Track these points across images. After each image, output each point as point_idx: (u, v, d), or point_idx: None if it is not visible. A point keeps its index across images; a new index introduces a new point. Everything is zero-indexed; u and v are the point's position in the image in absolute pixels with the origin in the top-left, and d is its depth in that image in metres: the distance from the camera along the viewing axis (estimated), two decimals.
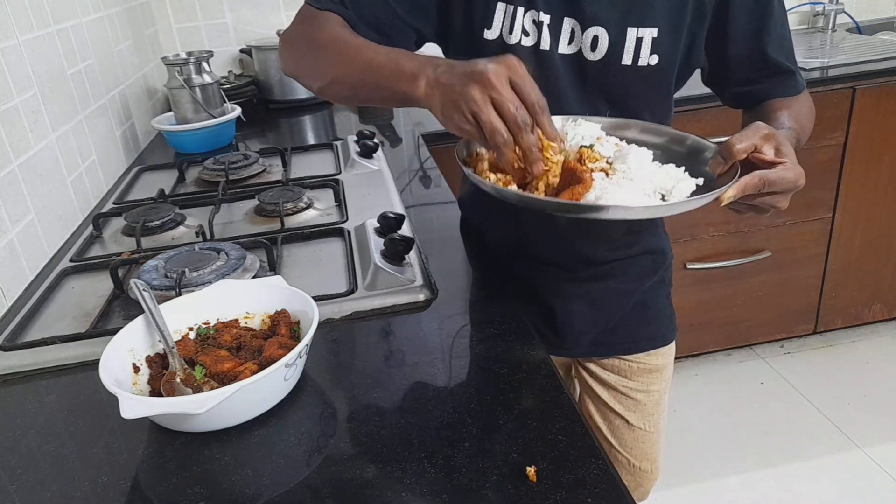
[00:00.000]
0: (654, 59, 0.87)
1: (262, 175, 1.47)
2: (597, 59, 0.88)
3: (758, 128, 0.73)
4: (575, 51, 0.88)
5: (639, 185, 0.73)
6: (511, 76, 0.66)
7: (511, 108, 0.65)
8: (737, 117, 0.99)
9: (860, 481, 1.86)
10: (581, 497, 0.58)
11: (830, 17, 2.49)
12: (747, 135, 0.72)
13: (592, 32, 0.87)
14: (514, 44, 0.88)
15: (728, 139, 0.72)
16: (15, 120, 1.11)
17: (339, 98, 0.88)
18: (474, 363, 0.78)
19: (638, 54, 0.86)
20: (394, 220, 1.06)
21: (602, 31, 0.86)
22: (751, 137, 0.72)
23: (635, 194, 0.72)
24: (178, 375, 0.72)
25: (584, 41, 0.87)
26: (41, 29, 1.26)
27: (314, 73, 0.87)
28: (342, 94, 0.85)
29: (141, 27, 1.95)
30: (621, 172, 0.75)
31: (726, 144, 0.72)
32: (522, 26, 0.88)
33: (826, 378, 2.25)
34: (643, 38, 0.86)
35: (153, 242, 1.16)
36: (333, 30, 0.85)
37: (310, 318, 0.76)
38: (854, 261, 2.25)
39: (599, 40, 0.87)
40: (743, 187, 0.70)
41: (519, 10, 0.87)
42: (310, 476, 0.63)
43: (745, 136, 0.72)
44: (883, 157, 2.11)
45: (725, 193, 0.70)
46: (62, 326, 0.92)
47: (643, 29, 0.86)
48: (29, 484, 0.65)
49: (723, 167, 0.74)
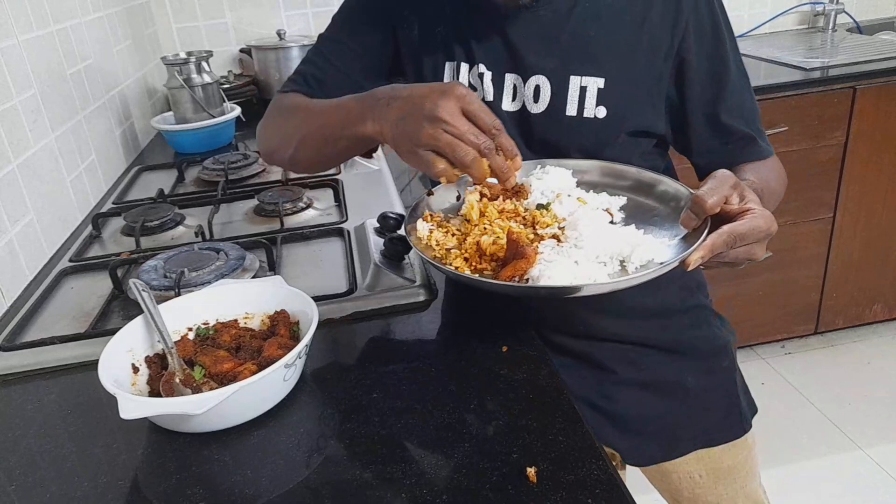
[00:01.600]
0: (601, 110, 0.83)
1: (261, 175, 1.47)
2: (540, 112, 0.85)
3: (724, 178, 0.68)
4: (518, 107, 0.87)
5: (591, 253, 0.69)
6: (462, 106, 0.67)
7: (472, 138, 0.66)
8: None
9: (860, 481, 1.86)
10: (581, 497, 0.57)
11: (830, 17, 2.49)
12: (715, 187, 0.67)
13: (534, 82, 0.85)
14: None
15: (696, 193, 0.67)
16: (14, 120, 1.11)
17: (309, 162, 0.91)
18: (474, 363, 0.78)
19: (583, 105, 0.83)
20: (393, 220, 1.06)
21: (543, 79, 0.84)
22: (720, 189, 0.67)
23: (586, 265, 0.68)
24: (177, 376, 0.72)
25: (526, 93, 0.86)
26: (41, 29, 1.25)
27: (282, 143, 0.90)
28: (309, 157, 0.88)
29: (141, 27, 1.95)
30: (572, 240, 0.71)
31: (696, 200, 0.67)
32: (468, 81, 0.88)
33: (826, 378, 2.25)
34: (587, 87, 0.83)
35: (152, 242, 1.15)
36: (294, 100, 0.91)
37: (309, 318, 0.76)
38: (854, 261, 2.25)
39: (541, 90, 0.85)
40: (711, 248, 0.65)
41: (463, 66, 0.88)
42: (309, 476, 0.63)
43: (714, 188, 0.67)
44: (883, 156, 2.11)
45: (692, 257, 0.64)
46: (61, 326, 0.92)
47: (587, 78, 0.83)
48: (28, 484, 0.65)
49: (696, 222, 0.69)
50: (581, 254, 0.69)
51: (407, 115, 0.68)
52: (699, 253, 0.64)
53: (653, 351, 0.96)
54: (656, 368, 0.97)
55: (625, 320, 0.95)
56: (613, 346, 0.96)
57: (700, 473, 1.02)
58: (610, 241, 0.70)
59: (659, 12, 0.83)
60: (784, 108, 1.96)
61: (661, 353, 0.96)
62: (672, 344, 0.97)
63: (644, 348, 0.96)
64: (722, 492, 1.03)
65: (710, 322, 1.00)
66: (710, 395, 0.99)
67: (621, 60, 0.83)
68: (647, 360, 0.96)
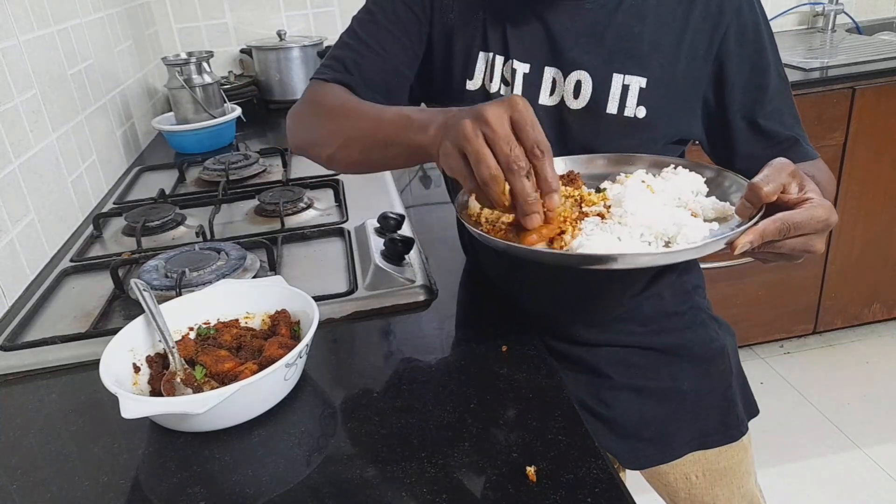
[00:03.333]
0: (640, 110, 0.82)
1: (262, 175, 1.47)
2: (580, 108, 0.84)
3: (782, 165, 0.65)
4: (556, 101, 0.85)
5: (636, 231, 0.66)
6: (512, 114, 0.60)
7: (504, 146, 0.59)
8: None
9: (860, 481, 1.86)
10: (581, 497, 0.58)
11: (830, 17, 2.49)
12: (773, 175, 0.64)
13: (575, 77, 0.83)
14: (494, 92, 0.86)
15: (753, 181, 0.64)
16: (15, 120, 1.11)
17: (349, 163, 0.84)
18: (474, 363, 0.78)
19: (624, 103, 0.82)
20: (394, 220, 1.06)
21: (585, 75, 0.83)
22: (777, 177, 0.63)
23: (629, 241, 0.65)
24: (178, 375, 0.72)
25: (566, 88, 0.84)
26: (41, 29, 1.26)
27: (323, 140, 0.84)
28: (352, 158, 0.82)
29: (141, 27, 1.95)
30: (617, 217, 0.68)
31: (752, 187, 0.63)
32: (502, 74, 0.85)
33: (826, 378, 2.25)
34: (629, 85, 0.82)
35: (153, 242, 1.16)
36: (339, 96, 0.84)
37: (310, 317, 0.76)
38: (854, 261, 2.25)
39: (582, 86, 0.83)
40: (761, 233, 0.61)
41: (498, 59, 0.85)
42: (310, 476, 0.63)
43: (772, 176, 0.63)
44: (883, 157, 2.11)
45: (740, 239, 0.61)
46: (62, 326, 0.92)
47: (629, 76, 0.82)
48: (29, 484, 0.65)
49: (752, 212, 0.65)
50: (625, 231, 0.66)
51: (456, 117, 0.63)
52: (748, 237, 0.61)
53: (649, 354, 0.96)
54: (652, 372, 0.96)
55: (621, 324, 0.95)
56: (609, 350, 0.96)
57: (696, 474, 1.02)
58: (655, 219, 0.66)
59: (701, 14, 0.82)
60: None
61: (657, 356, 0.96)
62: (668, 347, 0.96)
63: (640, 352, 0.96)
64: (718, 493, 1.03)
65: (706, 325, 1.00)
66: (706, 398, 0.99)
67: (664, 61, 0.82)
68: (643, 365, 0.96)
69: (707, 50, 0.83)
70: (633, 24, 0.82)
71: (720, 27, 0.82)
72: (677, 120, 0.85)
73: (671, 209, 0.69)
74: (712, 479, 1.02)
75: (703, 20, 0.82)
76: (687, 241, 0.64)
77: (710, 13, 0.82)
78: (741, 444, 1.02)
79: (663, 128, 0.85)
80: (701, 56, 0.83)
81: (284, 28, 2.15)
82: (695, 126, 0.87)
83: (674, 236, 0.65)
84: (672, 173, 0.77)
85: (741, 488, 1.05)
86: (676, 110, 0.85)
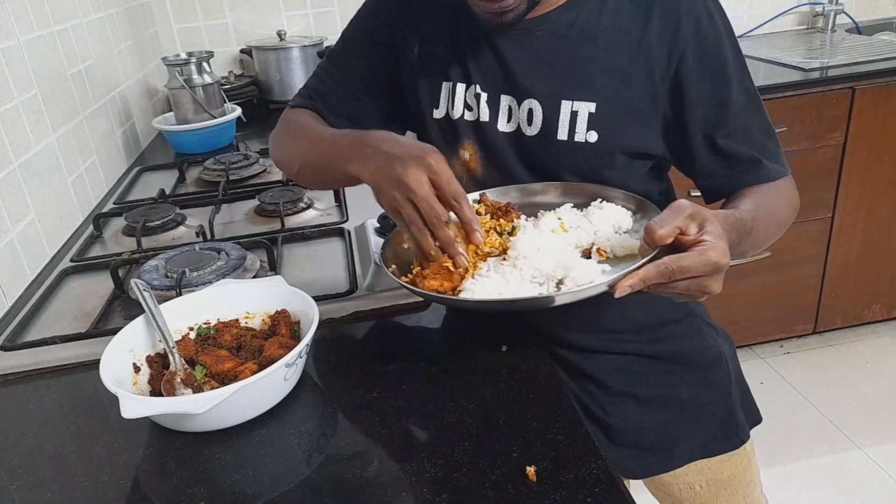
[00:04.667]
0: (591, 135, 0.82)
1: (262, 175, 1.47)
2: (534, 135, 0.85)
3: (680, 207, 0.66)
4: (513, 128, 0.87)
5: (526, 273, 0.70)
6: (429, 175, 0.69)
7: (426, 206, 0.68)
8: None
9: (858, 480, 1.86)
10: (581, 497, 0.58)
11: (830, 17, 2.49)
12: (669, 217, 0.65)
13: (528, 105, 0.85)
14: (457, 118, 0.89)
15: (648, 223, 0.65)
16: (15, 120, 1.11)
17: (309, 183, 0.97)
18: (474, 363, 0.78)
19: (574, 129, 0.83)
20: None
21: (536, 103, 0.84)
22: (673, 220, 0.64)
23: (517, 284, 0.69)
24: (178, 375, 0.72)
25: (521, 116, 0.86)
26: (42, 29, 1.26)
27: (289, 160, 0.95)
28: (309, 179, 0.93)
29: (141, 27, 1.95)
30: (511, 259, 0.72)
31: (647, 230, 0.64)
32: (464, 100, 0.88)
33: (826, 378, 2.25)
34: (578, 111, 0.82)
35: (153, 242, 1.16)
36: (303, 120, 0.94)
37: (310, 317, 0.76)
38: (854, 261, 2.25)
39: (534, 114, 0.85)
40: (642, 278, 0.63)
41: (459, 86, 0.88)
42: (310, 476, 0.63)
43: (668, 218, 0.65)
44: (883, 157, 2.11)
45: (621, 283, 0.63)
46: (63, 326, 0.92)
47: (578, 102, 0.82)
48: (29, 484, 0.65)
49: (648, 252, 0.66)
50: (515, 273, 0.71)
51: (380, 172, 0.72)
52: (629, 280, 0.63)
53: (646, 362, 0.96)
54: (650, 380, 0.96)
55: (616, 332, 0.95)
56: (607, 357, 0.95)
57: (700, 484, 1.01)
58: (545, 262, 0.71)
59: (657, 33, 0.81)
60: (783, 109, 1.96)
61: (655, 364, 0.96)
62: (665, 354, 0.96)
63: (637, 359, 0.96)
64: (723, 502, 1.03)
65: (702, 332, 0.99)
66: (705, 406, 0.98)
67: (616, 83, 0.82)
68: (641, 372, 0.96)
69: (665, 69, 0.81)
70: (585, 47, 0.82)
71: (678, 46, 0.80)
72: (633, 140, 0.84)
73: (563, 252, 0.73)
74: (716, 489, 1.02)
75: (658, 39, 0.80)
76: (575, 283, 0.69)
77: (665, 32, 0.80)
78: (744, 452, 1.01)
79: (619, 149, 0.84)
80: (658, 75, 0.81)
81: (284, 28, 2.16)
82: (655, 144, 0.86)
83: (563, 278, 0.70)
84: (597, 208, 0.81)
85: (746, 498, 1.04)
86: (631, 131, 0.84)
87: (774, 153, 0.86)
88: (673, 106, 0.83)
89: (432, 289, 0.71)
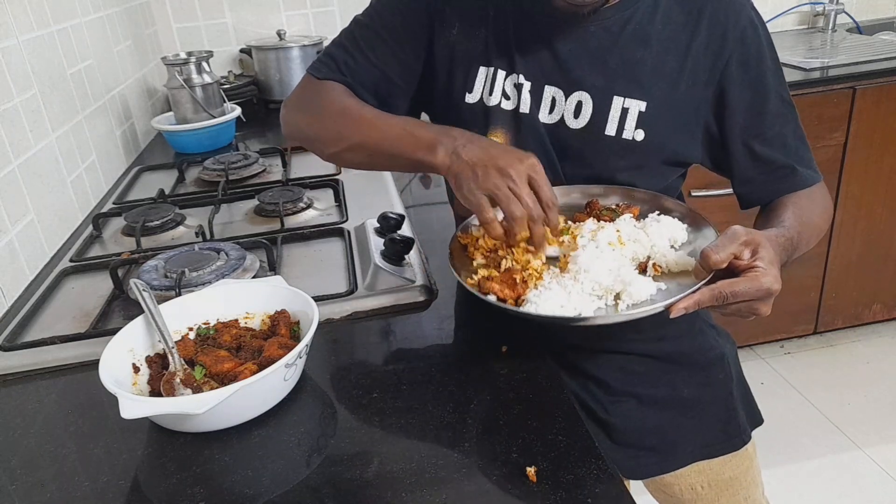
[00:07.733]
0: (639, 133, 0.84)
1: (262, 175, 1.47)
2: (579, 128, 0.85)
3: (735, 234, 0.70)
4: (556, 120, 0.86)
5: (587, 286, 0.73)
6: (530, 174, 0.73)
7: (528, 201, 0.72)
8: None
9: (860, 481, 1.86)
10: (581, 497, 0.58)
11: (830, 17, 2.49)
12: (724, 243, 0.69)
13: (576, 98, 0.85)
14: (493, 105, 0.87)
15: (704, 249, 0.69)
16: (15, 120, 1.11)
17: (352, 163, 0.92)
18: (474, 363, 0.78)
19: (623, 126, 0.84)
20: (394, 220, 1.06)
21: (586, 96, 0.84)
22: (728, 246, 0.68)
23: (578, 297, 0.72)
24: (177, 375, 0.72)
25: (566, 107, 0.86)
26: (41, 29, 1.26)
27: (327, 139, 0.89)
28: (357, 160, 0.89)
29: (141, 27, 1.95)
30: (571, 273, 0.75)
31: (703, 255, 0.68)
32: (503, 89, 0.87)
33: (826, 378, 2.25)
34: (629, 108, 0.83)
35: (153, 242, 1.16)
36: (341, 98, 0.89)
37: (310, 318, 0.76)
38: (854, 261, 2.25)
39: (583, 106, 0.85)
40: (697, 301, 0.67)
41: (500, 73, 0.87)
42: (310, 476, 0.63)
43: (723, 244, 0.69)
44: (883, 157, 2.11)
45: (676, 305, 0.67)
46: (62, 326, 0.92)
47: (630, 100, 0.83)
48: (29, 484, 0.65)
49: (704, 276, 0.70)
50: (577, 286, 0.73)
51: (480, 161, 0.73)
52: (684, 303, 0.67)
53: (647, 362, 0.96)
54: (651, 380, 0.96)
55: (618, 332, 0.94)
56: (608, 357, 0.95)
57: (702, 485, 1.01)
58: (605, 276, 0.74)
59: (704, 41, 0.83)
60: None
61: (656, 364, 0.96)
62: (666, 355, 0.96)
63: (638, 359, 0.96)
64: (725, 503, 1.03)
65: (704, 332, 1.00)
66: (707, 406, 0.99)
67: (664, 86, 0.84)
68: (642, 372, 0.96)
69: (709, 76, 0.84)
70: (637, 48, 0.84)
71: (723, 54, 0.83)
72: (675, 143, 0.87)
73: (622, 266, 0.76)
74: (718, 489, 1.02)
75: (706, 47, 0.83)
76: (631, 298, 0.73)
77: (713, 40, 0.83)
78: (746, 453, 1.01)
79: (660, 151, 0.86)
80: (702, 82, 0.84)
81: (284, 28, 2.15)
82: (694, 150, 0.88)
83: (620, 293, 0.74)
84: (654, 220, 0.83)
85: (748, 499, 1.04)
86: (675, 134, 0.86)
87: (808, 159, 0.89)
88: (715, 112, 0.86)
89: (494, 291, 0.74)
